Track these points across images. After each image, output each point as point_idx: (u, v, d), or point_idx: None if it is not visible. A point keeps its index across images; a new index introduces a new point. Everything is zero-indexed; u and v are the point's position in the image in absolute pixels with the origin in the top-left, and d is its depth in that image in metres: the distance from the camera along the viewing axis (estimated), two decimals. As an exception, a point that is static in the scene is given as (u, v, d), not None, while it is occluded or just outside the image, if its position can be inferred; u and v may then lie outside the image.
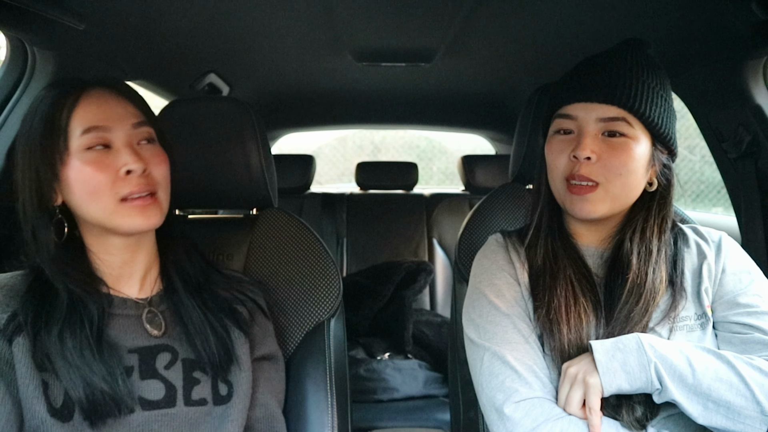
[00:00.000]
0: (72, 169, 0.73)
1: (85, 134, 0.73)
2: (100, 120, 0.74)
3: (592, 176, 0.79)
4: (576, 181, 0.81)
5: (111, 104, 0.76)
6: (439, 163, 5.68)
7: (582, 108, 0.81)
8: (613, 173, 0.79)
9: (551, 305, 0.82)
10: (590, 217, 0.82)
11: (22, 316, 0.71)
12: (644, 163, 0.81)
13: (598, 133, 0.80)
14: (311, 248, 1.04)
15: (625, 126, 0.79)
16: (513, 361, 0.79)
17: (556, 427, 0.73)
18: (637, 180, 0.81)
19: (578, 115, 0.81)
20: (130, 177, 0.75)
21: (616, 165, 0.79)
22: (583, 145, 0.79)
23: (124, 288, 0.80)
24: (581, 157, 0.79)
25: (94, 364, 0.70)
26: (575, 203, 0.82)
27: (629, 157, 0.79)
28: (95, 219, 0.75)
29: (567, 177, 0.82)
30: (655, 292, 0.80)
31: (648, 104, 0.79)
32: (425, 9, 1.13)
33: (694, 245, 0.87)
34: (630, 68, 0.80)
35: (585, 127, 0.80)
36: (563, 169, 0.82)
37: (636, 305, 0.79)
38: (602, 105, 0.79)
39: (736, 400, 0.69)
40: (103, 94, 0.76)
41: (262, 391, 0.86)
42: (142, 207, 0.75)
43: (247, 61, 1.58)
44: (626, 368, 0.72)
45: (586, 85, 0.81)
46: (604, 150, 0.79)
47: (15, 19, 0.92)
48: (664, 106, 0.81)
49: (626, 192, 0.81)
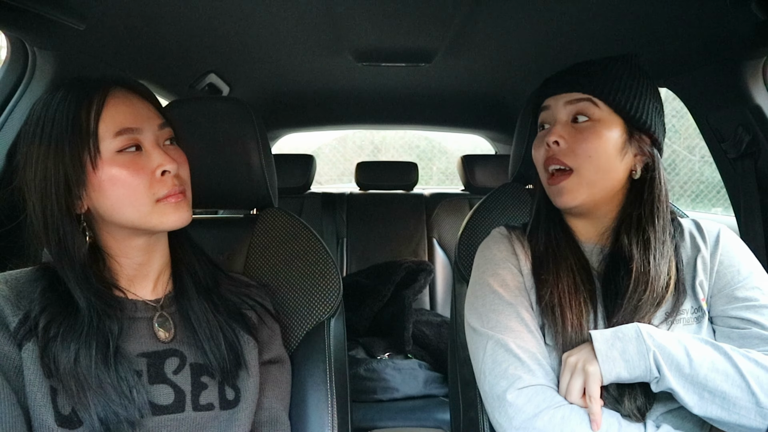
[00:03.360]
0: (105, 173, 0.71)
1: (118, 136, 0.71)
2: (130, 121, 0.73)
3: (564, 160, 0.83)
4: (552, 167, 0.85)
5: (137, 105, 0.75)
6: (439, 163, 5.69)
7: (553, 99, 0.86)
8: (583, 157, 0.82)
9: (555, 289, 0.83)
10: (570, 205, 0.84)
11: (33, 321, 0.69)
12: (616, 145, 0.82)
13: (568, 119, 0.85)
14: (311, 248, 1.04)
15: (591, 108, 0.83)
16: (516, 348, 0.79)
17: (558, 414, 0.73)
18: (609, 164, 0.83)
19: (550, 105, 0.87)
20: (165, 178, 0.74)
21: (585, 148, 0.82)
22: (552, 131, 0.84)
23: (137, 290, 0.80)
24: (550, 142, 0.84)
25: (107, 383, 0.69)
26: (555, 194, 0.85)
27: (598, 139, 0.82)
28: (128, 221, 0.74)
29: (544, 165, 0.86)
30: (663, 283, 0.81)
31: (611, 86, 0.82)
32: (425, 9, 1.13)
33: (688, 238, 0.88)
34: (600, 63, 0.85)
35: (556, 115, 0.86)
36: (541, 159, 0.87)
37: (644, 294, 0.80)
38: (568, 93, 0.84)
39: (731, 391, 0.70)
40: (127, 94, 0.75)
41: (268, 395, 0.86)
42: (176, 204, 0.75)
43: (247, 61, 1.58)
44: (625, 356, 0.73)
45: (556, 80, 0.88)
46: (573, 135, 0.83)
47: (15, 19, 0.92)
48: (633, 91, 0.83)
49: (601, 176, 0.83)
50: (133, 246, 0.78)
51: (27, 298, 0.71)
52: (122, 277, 0.78)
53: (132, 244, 0.77)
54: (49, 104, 0.71)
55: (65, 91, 0.72)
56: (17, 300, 0.71)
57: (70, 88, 0.72)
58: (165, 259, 0.83)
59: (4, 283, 0.72)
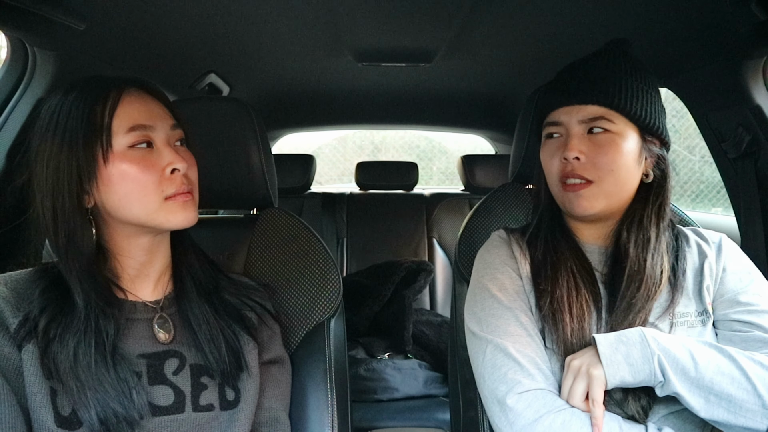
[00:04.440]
0: (116, 167, 0.71)
1: (131, 132, 0.72)
2: (143, 118, 0.74)
3: (585, 174, 0.81)
4: (570, 180, 0.83)
5: (151, 104, 0.76)
6: (439, 163, 5.69)
7: (565, 112, 0.84)
8: (604, 170, 0.81)
9: (554, 295, 0.83)
10: (587, 213, 0.83)
11: (33, 323, 0.69)
12: (634, 157, 0.82)
13: (584, 132, 0.83)
14: (311, 248, 1.04)
15: (607, 123, 0.81)
16: (515, 353, 0.79)
17: (559, 418, 0.73)
18: (629, 174, 0.82)
19: (562, 120, 0.84)
20: (174, 176, 0.75)
21: (606, 162, 0.81)
22: (570, 146, 0.82)
23: (138, 290, 0.80)
24: (570, 158, 0.82)
25: (107, 383, 0.69)
26: (572, 201, 0.83)
27: (617, 152, 0.81)
28: (135, 218, 0.74)
29: (561, 178, 0.84)
30: (656, 279, 0.81)
31: (626, 98, 0.81)
32: (425, 9, 1.13)
33: (695, 245, 0.89)
34: (606, 67, 0.83)
35: (570, 129, 0.83)
36: (557, 171, 0.85)
37: (637, 292, 0.80)
38: (582, 106, 0.82)
39: (737, 394, 0.70)
40: (142, 94, 0.76)
41: (268, 396, 0.87)
42: (183, 203, 0.76)
43: (248, 62, 1.58)
44: (630, 360, 0.72)
45: (566, 90, 0.85)
46: (591, 148, 0.82)
47: (15, 19, 0.92)
48: (645, 98, 0.82)
49: (620, 187, 0.83)
50: (137, 245, 0.78)
51: (27, 299, 0.71)
52: (124, 277, 0.78)
53: (136, 242, 0.77)
54: (64, 101, 0.72)
55: (81, 90, 0.73)
56: (17, 301, 0.71)
57: (86, 86, 0.73)
58: (166, 260, 0.83)
59: (4, 284, 0.72)
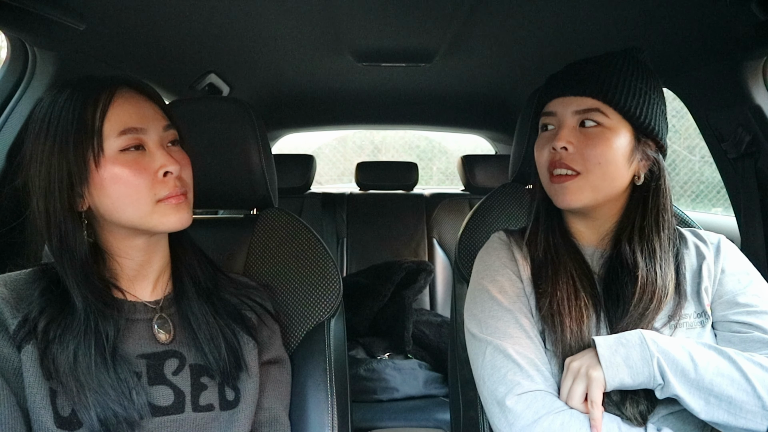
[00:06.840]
0: (107, 171, 0.71)
1: (122, 135, 0.71)
2: (135, 121, 0.73)
3: (572, 165, 0.82)
4: (557, 170, 0.83)
5: (143, 106, 0.75)
6: (439, 163, 5.69)
7: (560, 103, 0.84)
8: (592, 162, 0.81)
9: (554, 297, 0.83)
10: (573, 206, 0.83)
11: (32, 323, 0.69)
12: (624, 154, 0.82)
13: (576, 124, 0.83)
14: (311, 248, 1.04)
15: (600, 116, 0.81)
16: (515, 354, 0.79)
17: (558, 419, 0.73)
18: (617, 170, 0.82)
19: (557, 110, 0.85)
20: (167, 179, 0.74)
21: (594, 154, 0.81)
22: (560, 135, 0.82)
23: (137, 290, 0.80)
24: (558, 147, 0.82)
25: (107, 384, 0.69)
26: (558, 192, 0.84)
27: (607, 146, 0.81)
28: (128, 221, 0.73)
29: (549, 168, 0.85)
30: (666, 290, 0.81)
31: (621, 93, 0.80)
32: (425, 9, 1.13)
33: (693, 247, 0.89)
34: (608, 64, 0.83)
35: (563, 121, 0.84)
36: (545, 162, 0.85)
37: (650, 303, 0.80)
38: (577, 98, 0.82)
39: (737, 395, 0.70)
40: (134, 95, 0.75)
41: (268, 396, 0.86)
42: (177, 206, 0.75)
43: (247, 62, 1.58)
44: (629, 362, 0.72)
45: (562, 80, 0.85)
46: (581, 140, 0.82)
47: (15, 20, 0.92)
48: (644, 98, 0.82)
49: (607, 182, 0.82)
50: (133, 246, 0.77)
51: (26, 300, 0.71)
52: (122, 277, 0.78)
53: (132, 244, 0.77)
54: (55, 102, 0.71)
55: (72, 90, 0.72)
56: (16, 302, 0.71)
57: (78, 87, 0.72)
58: (165, 260, 0.83)
59: (4, 285, 0.72)
